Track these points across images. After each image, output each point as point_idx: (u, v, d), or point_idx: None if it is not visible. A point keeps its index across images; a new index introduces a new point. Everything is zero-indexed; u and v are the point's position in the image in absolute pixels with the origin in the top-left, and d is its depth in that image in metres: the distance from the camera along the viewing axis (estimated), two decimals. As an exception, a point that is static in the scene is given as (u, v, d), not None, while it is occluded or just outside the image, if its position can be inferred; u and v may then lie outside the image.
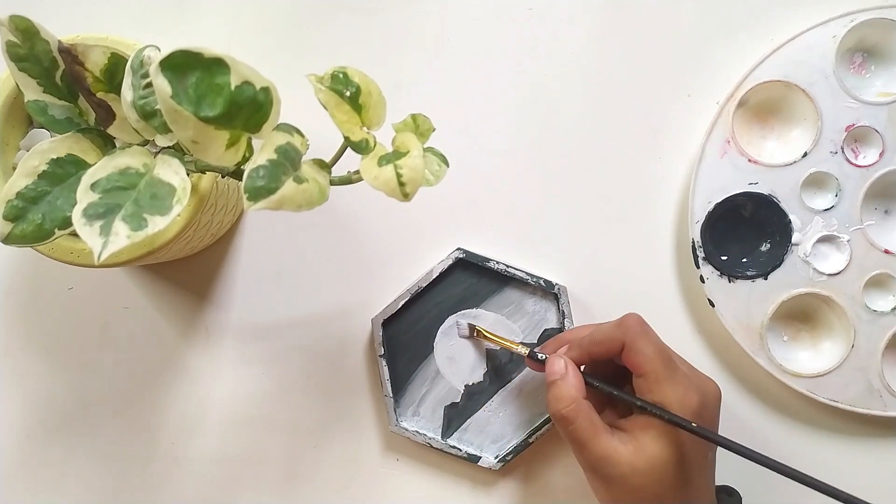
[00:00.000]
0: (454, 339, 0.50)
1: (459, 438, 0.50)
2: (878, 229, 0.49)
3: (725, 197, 0.49)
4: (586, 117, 0.52)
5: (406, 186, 0.33)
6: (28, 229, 0.33)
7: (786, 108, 0.50)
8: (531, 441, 0.49)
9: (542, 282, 0.49)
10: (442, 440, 0.50)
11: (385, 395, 0.49)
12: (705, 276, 0.49)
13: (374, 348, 0.49)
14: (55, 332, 0.52)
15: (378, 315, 0.49)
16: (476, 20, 0.52)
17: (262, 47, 0.52)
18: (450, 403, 0.50)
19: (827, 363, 0.49)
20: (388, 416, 0.49)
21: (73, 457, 0.52)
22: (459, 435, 0.50)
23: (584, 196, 0.52)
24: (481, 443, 0.50)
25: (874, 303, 0.49)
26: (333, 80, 0.35)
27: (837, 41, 0.48)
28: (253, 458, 0.51)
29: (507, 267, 0.49)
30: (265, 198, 0.31)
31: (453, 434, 0.50)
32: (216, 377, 0.51)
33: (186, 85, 0.30)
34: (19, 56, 0.35)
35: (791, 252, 0.49)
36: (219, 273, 0.52)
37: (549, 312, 0.50)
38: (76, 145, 0.35)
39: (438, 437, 0.50)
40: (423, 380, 0.50)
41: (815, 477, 0.37)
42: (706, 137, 0.49)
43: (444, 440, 0.50)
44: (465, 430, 0.50)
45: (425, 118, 0.39)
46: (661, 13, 0.52)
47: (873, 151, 0.49)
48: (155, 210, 0.32)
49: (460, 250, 0.49)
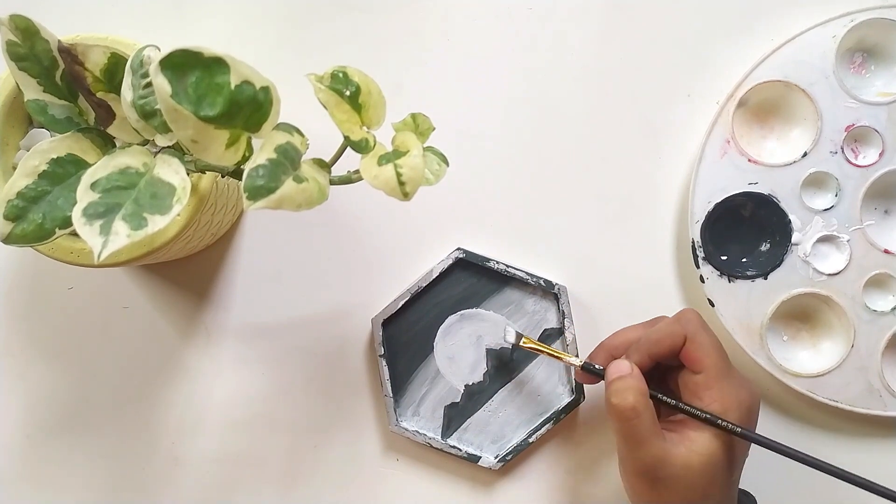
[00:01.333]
0: (454, 338, 0.50)
1: (459, 438, 0.50)
2: (878, 229, 0.49)
3: (725, 197, 0.49)
4: (586, 117, 0.52)
5: (406, 186, 0.33)
6: (28, 229, 0.33)
7: (786, 108, 0.50)
8: (531, 441, 0.49)
9: (542, 282, 0.49)
10: (442, 440, 0.50)
11: (385, 395, 0.49)
12: (705, 276, 0.49)
13: (374, 348, 0.49)
14: (55, 332, 0.52)
15: (378, 315, 0.49)
16: (476, 20, 0.52)
17: (261, 46, 0.52)
18: (450, 403, 0.50)
19: (827, 363, 0.49)
20: (388, 416, 0.49)
21: (74, 456, 0.52)
22: (459, 435, 0.50)
23: (584, 196, 0.52)
24: (481, 443, 0.50)
25: (874, 303, 0.49)
26: (333, 79, 0.35)
27: (837, 41, 0.48)
28: (253, 458, 0.51)
29: (507, 267, 0.49)
30: (265, 197, 0.31)
31: (453, 434, 0.50)
32: (216, 377, 0.51)
33: (186, 84, 0.30)
34: (19, 55, 0.35)
35: (791, 252, 0.49)
36: (219, 273, 0.52)
37: (549, 312, 0.50)
38: (76, 145, 0.35)
39: (438, 436, 0.50)
40: (423, 380, 0.50)
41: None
42: (706, 137, 0.49)
43: (444, 440, 0.50)
44: (465, 429, 0.50)
45: (425, 117, 0.39)
46: (661, 13, 0.52)
47: (873, 151, 0.49)
48: (155, 209, 0.32)
49: (460, 250, 0.49)
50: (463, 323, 0.50)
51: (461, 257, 0.49)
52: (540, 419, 0.50)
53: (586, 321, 0.50)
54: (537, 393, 0.50)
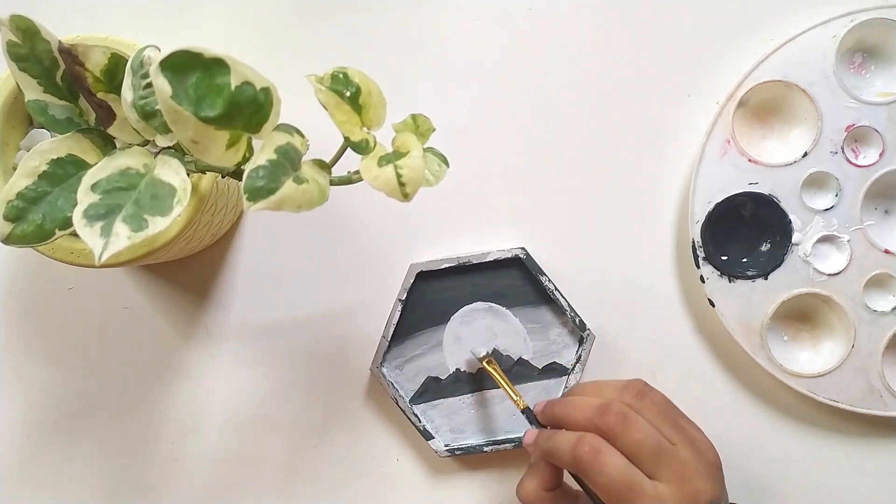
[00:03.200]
0: (472, 324, 0.50)
1: (424, 412, 0.50)
2: (879, 229, 0.50)
3: (725, 197, 0.49)
4: (586, 117, 0.52)
5: (406, 187, 0.33)
6: (28, 230, 0.33)
7: (786, 108, 0.50)
8: (486, 450, 0.49)
9: (576, 319, 0.49)
10: (408, 403, 0.50)
11: (383, 337, 0.49)
12: (705, 276, 0.49)
13: (399, 293, 0.49)
14: (55, 333, 0.52)
15: (418, 264, 0.49)
16: (476, 20, 0.52)
17: (262, 47, 0.52)
18: (434, 376, 0.50)
19: (827, 363, 0.49)
20: (374, 356, 0.49)
21: (74, 457, 0.52)
22: (426, 408, 0.50)
23: (583, 195, 0.52)
24: (440, 426, 0.50)
25: (874, 303, 0.49)
26: (333, 80, 0.35)
27: (837, 41, 0.48)
28: (253, 459, 0.51)
29: (556, 289, 0.49)
30: (265, 198, 0.31)
31: (422, 404, 0.50)
32: (216, 377, 0.51)
33: (186, 85, 0.30)
34: (20, 56, 0.35)
35: (791, 252, 0.49)
36: (219, 273, 0.52)
37: (567, 349, 0.50)
38: (76, 145, 0.35)
39: (408, 399, 0.50)
40: (422, 343, 0.50)
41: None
42: (706, 137, 0.49)
43: (409, 404, 0.50)
44: (434, 407, 0.50)
45: (425, 118, 0.39)
46: (661, 13, 0.52)
47: (873, 151, 0.49)
48: (155, 210, 0.32)
49: (523, 251, 0.49)
50: (488, 315, 0.50)
51: (521, 257, 0.49)
52: (503, 436, 0.50)
53: (584, 318, 0.50)
54: (514, 412, 0.50)
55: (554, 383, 0.50)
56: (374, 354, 0.49)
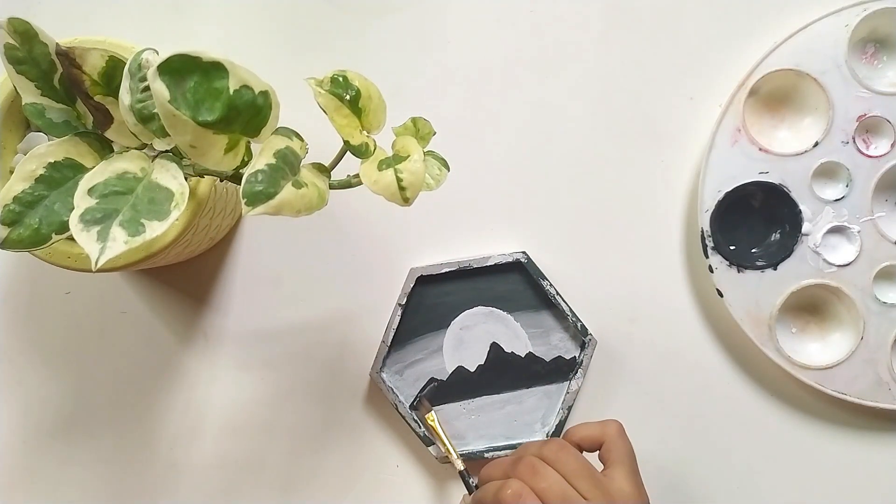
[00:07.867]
0: (474, 329, 0.50)
1: None
2: (889, 220, 0.49)
3: (735, 186, 0.48)
4: (587, 118, 0.52)
5: (406, 191, 0.33)
6: (25, 234, 0.33)
7: (797, 97, 0.50)
8: (486, 456, 0.49)
9: (578, 324, 0.49)
10: (408, 409, 0.49)
11: (382, 342, 0.49)
12: (714, 266, 0.49)
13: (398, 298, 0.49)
14: (52, 337, 0.51)
15: (418, 268, 0.49)
16: (477, 23, 0.52)
17: (260, 50, 0.52)
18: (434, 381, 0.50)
19: (836, 355, 0.49)
20: (374, 361, 0.49)
21: (71, 462, 0.51)
22: None
23: (585, 197, 0.51)
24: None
25: (884, 294, 0.49)
26: (333, 83, 0.35)
27: (850, 30, 0.48)
28: (252, 464, 0.51)
29: (557, 293, 0.49)
30: (264, 203, 0.30)
31: None
32: (215, 382, 0.51)
33: (184, 89, 0.29)
34: (17, 59, 0.34)
35: (801, 242, 0.49)
36: (217, 277, 0.51)
37: (568, 355, 0.50)
38: (74, 149, 0.35)
39: (407, 405, 0.49)
40: (423, 348, 0.50)
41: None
42: (717, 126, 0.48)
43: (410, 410, 0.49)
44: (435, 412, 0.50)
45: (426, 121, 0.38)
46: (665, 7, 0.51)
47: (885, 142, 0.49)
48: (153, 215, 0.32)
49: (525, 255, 0.49)
50: (488, 319, 0.50)
51: (522, 261, 0.49)
52: (505, 442, 0.50)
53: (591, 311, 0.50)
54: (515, 419, 0.50)
55: (556, 389, 0.50)
56: (373, 359, 0.49)
